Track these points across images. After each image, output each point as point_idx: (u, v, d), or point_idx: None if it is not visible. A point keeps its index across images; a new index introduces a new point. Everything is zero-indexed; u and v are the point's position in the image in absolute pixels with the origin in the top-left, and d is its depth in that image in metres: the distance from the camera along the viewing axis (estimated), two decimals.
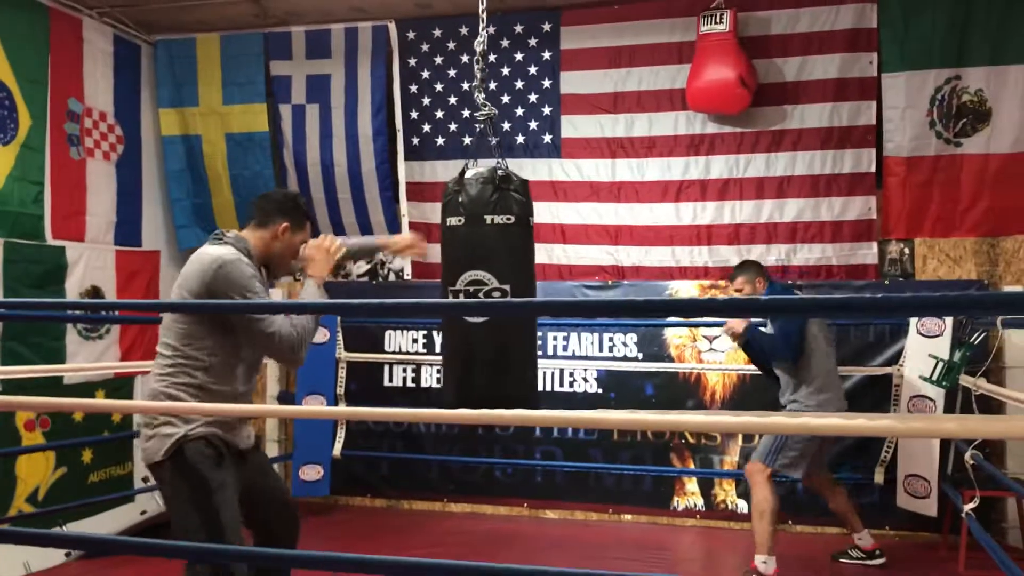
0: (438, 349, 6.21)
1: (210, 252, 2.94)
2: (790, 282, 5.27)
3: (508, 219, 3.00)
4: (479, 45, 3.33)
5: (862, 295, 5.11)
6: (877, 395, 5.36)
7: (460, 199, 3.05)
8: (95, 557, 5.02)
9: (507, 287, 2.99)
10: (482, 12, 3.39)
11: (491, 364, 3.01)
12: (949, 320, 4.99)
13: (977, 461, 4.07)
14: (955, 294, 2.09)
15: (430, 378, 6.27)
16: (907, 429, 2.70)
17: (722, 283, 5.77)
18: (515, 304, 2.84)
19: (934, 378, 4.66)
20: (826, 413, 4.47)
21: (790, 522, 5.53)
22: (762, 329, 4.67)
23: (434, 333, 6.23)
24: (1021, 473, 5.02)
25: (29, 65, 5.52)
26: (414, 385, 6.29)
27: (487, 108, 3.30)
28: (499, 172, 3.03)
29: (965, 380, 4.51)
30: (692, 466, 5.80)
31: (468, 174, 3.08)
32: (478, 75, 3.32)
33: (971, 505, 4.08)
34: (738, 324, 4.70)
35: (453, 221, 3.09)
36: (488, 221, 3.01)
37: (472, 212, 3.03)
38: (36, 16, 5.60)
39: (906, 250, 5.66)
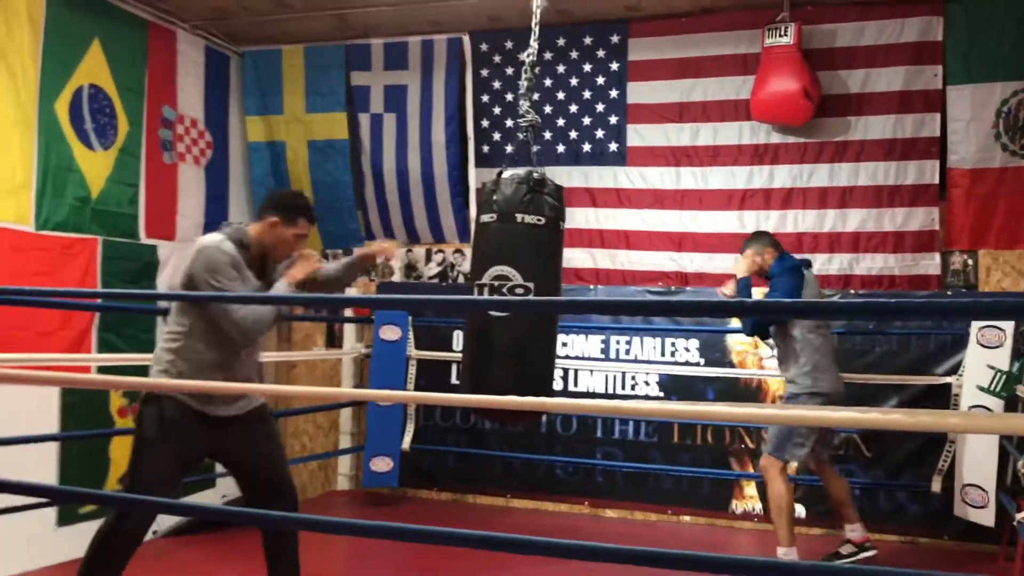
0: None
1: (202, 239, 3.40)
2: (804, 257, 5.21)
3: (539, 220, 3.17)
4: (528, 56, 3.52)
5: (875, 300, 5.17)
6: (936, 405, 5.38)
7: (495, 198, 3.23)
8: (178, 536, 5.34)
9: (531, 284, 3.14)
10: (535, 26, 3.58)
11: (509, 358, 3.15)
12: (1010, 332, 5.01)
13: None
14: (983, 301, 2.21)
15: None
16: (915, 423, 2.82)
17: None
18: (533, 302, 3.00)
19: (992, 388, 4.71)
20: (816, 395, 4.67)
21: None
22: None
23: None
24: None
25: (128, 75, 5.93)
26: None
27: (531, 116, 3.49)
28: (535, 175, 3.21)
29: (1021, 390, 4.54)
30: (751, 470, 5.90)
31: (505, 175, 3.26)
32: (524, 84, 3.51)
33: (1022, 516, 4.12)
34: (730, 292, 4.97)
35: (486, 218, 3.27)
36: (519, 220, 3.18)
37: (504, 210, 3.20)
38: (135, 29, 6.01)
39: (969, 261, 5.67)
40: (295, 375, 7.14)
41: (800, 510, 5.77)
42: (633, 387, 6.18)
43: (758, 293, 5.40)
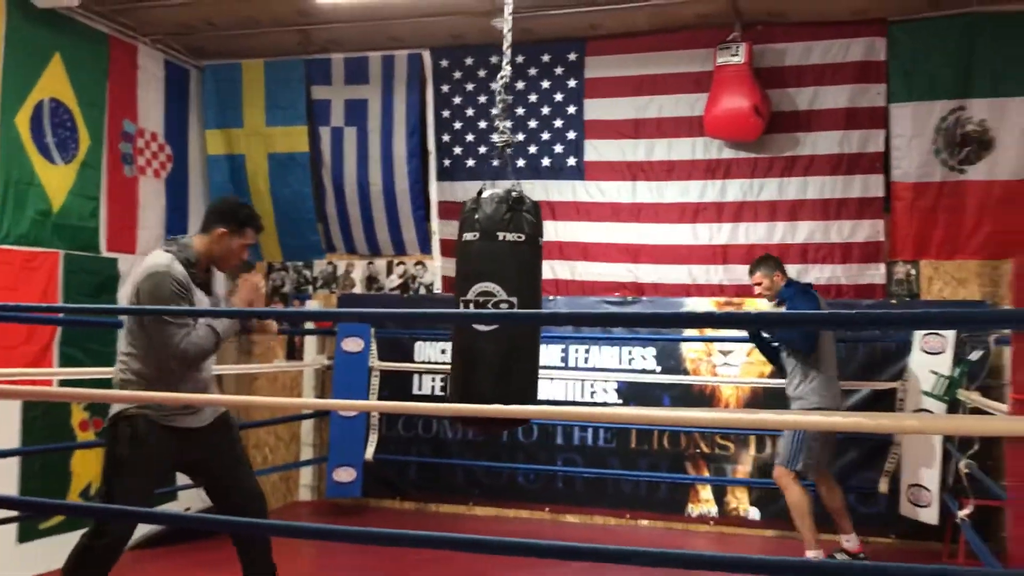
0: None
1: (148, 261, 3.40)
2: (808, 283, 5.42)
3: (519, 237, 3.29)
4: (502, 79, 3.65)
5: (872, 310, 5.40)
6: (883, 409, 5.61)
7: (476, 216, 3.35)
8: (144, 548, 5.35)
9: (514, 299, 3.25)
10: (506, 49, 3.70)
11: (495, 370, 3.25)
12: (951, 339, 5.27)
13: (971, 470, 4.34)
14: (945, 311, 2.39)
15: None
16: (876, 426, 3.01)
17: (736, 300, 6.08)
18: (520, 315, 3.14)
19: (935, 392, 4.94)
20: (822, 410, 4.80)
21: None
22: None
23: None
24: None
25: (89, 89, 5.95)
26: (442, 393, 6.62)
27: (507, 135, 3.61)
28: (513, 194, 3.34)
29: (963, 395, 4.78)
30: (706, 474, 6.08)
31: (485, 194, 3.39)
32: (499, 105, 3.63)
33: (965, 512, 4.34)
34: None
35: (469, 236, 3.37)
36: (501, 238, 3.29)
37: (486, 229, 3.30)
38: (96, 43, 6.03)
39: (912, 271, 5.93)
40: (256, 387, 7.17)
41: (755, 513, 5.97)
42: (592, 395, 6.33)
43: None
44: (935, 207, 5.80)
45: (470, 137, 6.59)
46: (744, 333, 6.00)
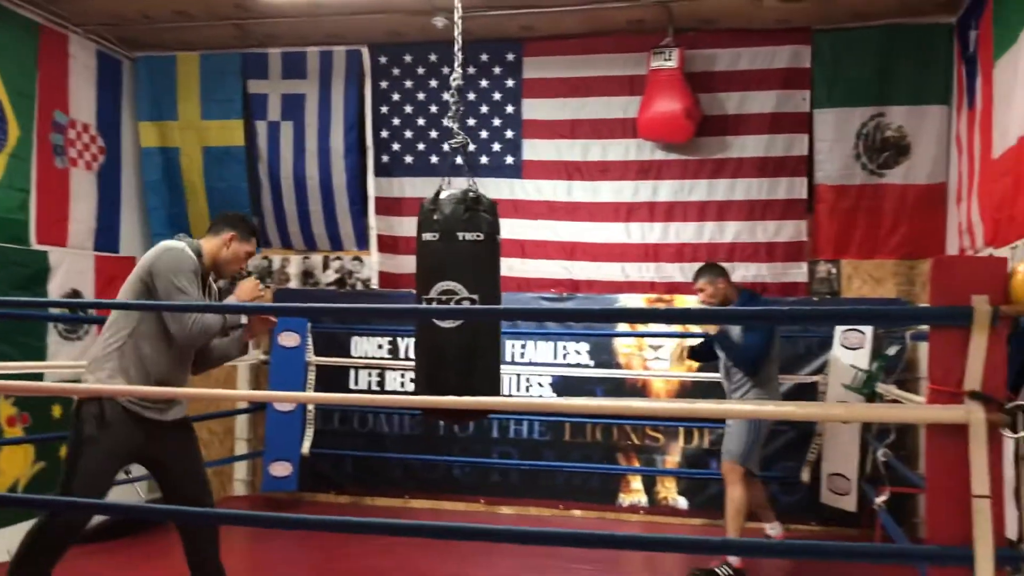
0: (402, 355, 6.62)
1: (164, 243, 3.54)
2: (756, 294, 5.46)
3: (478, 236, 3.40)
4: (455, 81, 3.74)
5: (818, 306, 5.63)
6: (805, 400, 5.86)
7: (435, 217, 3.44)
8: (84, 543, 5.30)
9: (476, 296, 3.37)
10: (457, 51, 3.79)
11: (460, 366, 3.35)
12: (869, 334, 5.53)
13: (888, 459, 4.58)
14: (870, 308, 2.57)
15: (394, 382, 6.66)
16: (805, 413, 3.20)
17: (667, 297, 6.28)
18: (479, 310, 3.25)
19: (854, 386, 5.19)
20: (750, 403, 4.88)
21: None
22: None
23: (399, 339, 6.63)
24: None
25: (19, 79, 5.84)
26: (379, 388, 6.67)
27: (460, 136, 3.71)
28: (471, 194, 3.44)
29: (881, 388, 5.04)
30: (637, 465, 6.27)
31: (443, 195, 3.48)
32: (452, 107, 3.72)
33: (881, 499, 4.57)
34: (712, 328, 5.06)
35: (428, 236, 3.47)
36: (460, 238, 3.40)
37: (446, 229, 3.41)
38: (27, 33, 5.92)
39: (833, 270, 6.20)
40: (190, 382, 7.09)
41: (683, 502, 6.17)
42: (527, 388, 6.46)
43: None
44: (855, 209, 6.07)
45: (408, 133, 6.65)
46: (673, 328, 6.23)
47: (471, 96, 6.51)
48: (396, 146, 6.69)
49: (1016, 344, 2.23)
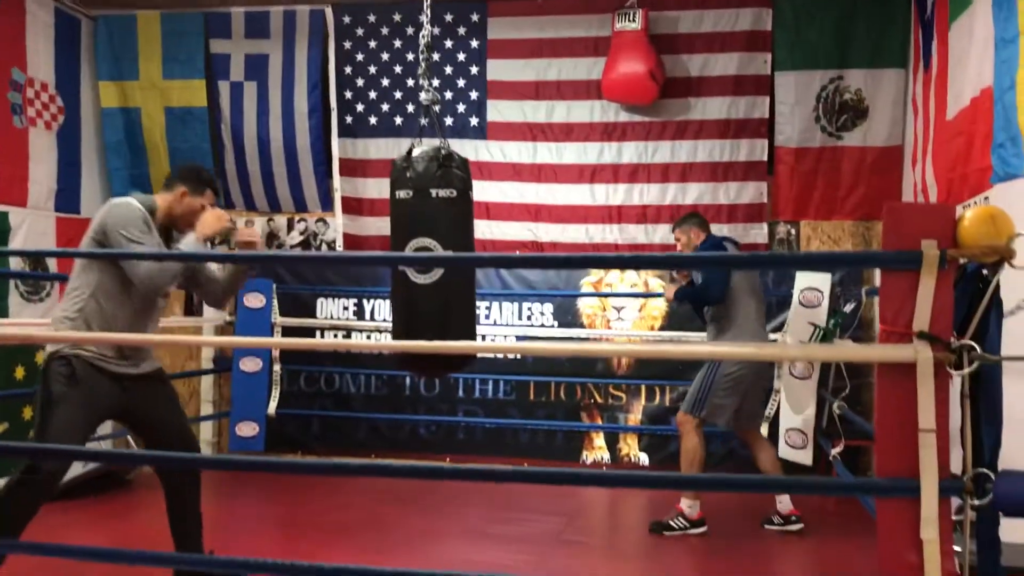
0: (367, 316, 6.65)
1: (112, 200, 3.53)
2: (724, 237, 5.49)
3: (451, 193, 3.42)
4: (424, 38, 3.74)
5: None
6: None
7: (408, 175, 3.46)
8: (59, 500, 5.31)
9: (450, 253, 3.38)
10: (427, 8, 3.79)
11: (435, 322, 3.37)
12: (826, 293, 5.66)
13: (842, 411, 4.72)
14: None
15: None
16: (763, 354, 3.31)
17: None
18: (452, 258, 3.29)
19: (811, 342, 5.32)
20: (758, 374, 4.96)
21: None
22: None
23: (364, 301, 6.66)
24: None
25: None
26: (344, 350, 6.71)
27: (431, 94, 3.72)
28: (443, 151, 3.47)
29: (837, 343, 5.17)
30: (599, 422, 6.38)
31: (415, 152, 3.50)
32: (423, 65, 3.73)
33: (836, 451, 4.73)
34: (669, 293, 5.18)
35: (402, 194, 3.48)
36: (433, 195, 3.42)
37: (419, 186, 3.42)
38: None
39: (792, 231, 6.32)
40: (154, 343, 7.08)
41: (644, 459, 6.31)
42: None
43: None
44: (814, 171, 6.19)
45: (372, 94, 6.64)
46: (635, 289, 6.34)
47: (435, 57, 6.51)
48: (360, 107, 6.67)
49: (963, 288, 2.33)
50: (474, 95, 6.53)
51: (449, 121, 6.53)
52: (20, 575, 3.47)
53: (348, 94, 6.67)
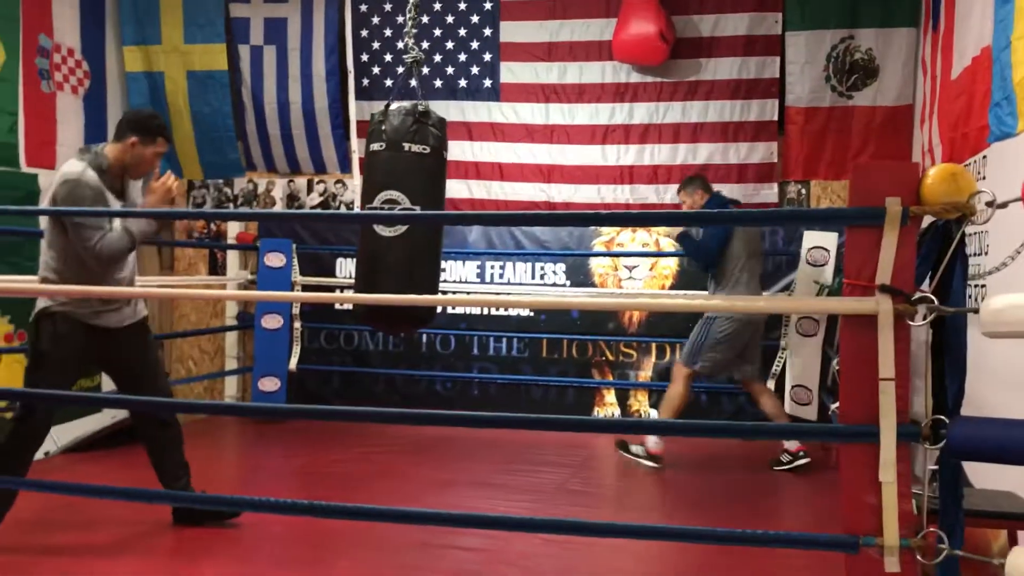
0: None
1: (63, 169, 3.58)
2: (727, 198, 5.61)
3: (424, 149, 3.54)
4: None
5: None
6: (774, 317, 6.10)
7: (383, 128, 3.58)
8: (71, 452, 5.57)
9: (417, 208, 3.51)
10: None
11: (399, 275, 3.48)
12: (833, 251, 5.73)
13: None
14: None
15: None
16: (746, 307, 3.40)
17: None
18: (417, 215, 3.40)
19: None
20: (731, 321, 5.06)
21: None
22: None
23: None
24: None
25: (2, 2, 5.91)
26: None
27: (415, 52, 3.82)
28: (420, 107, 3.58)
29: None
30: (610, 379, 6.53)
31: (392, 107, 3.61)
32: (409, 22, 3.82)
33: (835, 406, 4.82)
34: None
35: (375, 147, 3.60)
36: (406, 149, 3.52)
37: (392, 140, 3.53)
38: None
39: (803, 191, 6.38)
40: (178, 302, 7.32)
41: (654, 414, 6.44)
42: (506, 308, 6.68)
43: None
44: (825, 130, 6.23)
45: (388, 57, 6.75)
46: (644, 247, 6.46)
47: (449, 19, 6.61)
48: (376, 69, 6.79)
49: (930, 244, 2.43)
50: (487, 57, 6.62)
51: (463, 83, 6.64)
52: (33, 512, 3.73)
53: (364, 57, 6.79)
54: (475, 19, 6.60)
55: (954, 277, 2.39)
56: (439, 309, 6.67)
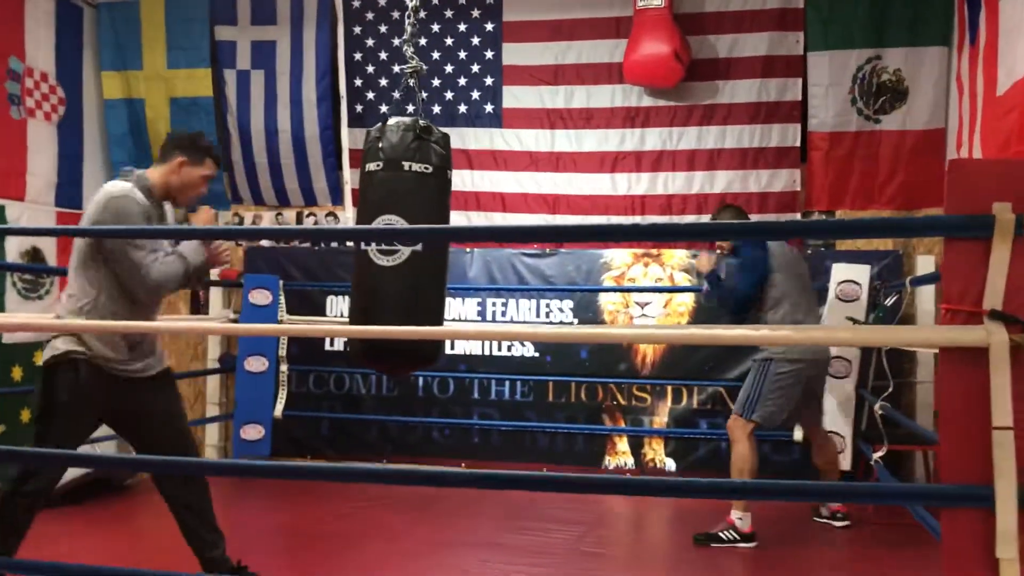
0: None
1: (106, 187, 3.21)
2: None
3: (426, 168, 3.09)
4: (412, 1, 3.43)
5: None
6: None
7: (380, 145, 3.14)
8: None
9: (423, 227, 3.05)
10: None
11: (399, 310, 3.03)
12: (865, 285, 5.30)
13: (886, 411, 4.34)
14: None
15: None
16: (806, 337, 2.95)
17: (655, 251, 6.03)
18: (414, 231, 2.91)
19: None
20: (789, 361, 4.48)
21: None
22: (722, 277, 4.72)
23: None
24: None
25: None
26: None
27: (415, 62, 3.41)
28: (421, 122, 3.14)
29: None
30: (622, 425, 6.03)
31: (390, 122, 3.17)
32: (408, 30, 3.41)
33: (879, 454, 4.34)
34: (703, 262, 4.79)
35: (372, 167, 3.16)
36: (406, 168, 3.09)
37: (391, 158, 3.10)
38: None
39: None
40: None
41: (671, 464, 5.95)
42: (509, 348, 6.21)
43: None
44: (851, 156, 5.82)
45: (384, 81, 6.35)
46: (658, 282, 6.00)
47: (448, 41, 6.23)
48: (371, 95, 6.39)
49: None
50: (489, 81, 6.22)
51: (463, 109, 6.24)
52: None
53: (358, 81, 6.39)
54: (476, 41, 6.20)
55: None
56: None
